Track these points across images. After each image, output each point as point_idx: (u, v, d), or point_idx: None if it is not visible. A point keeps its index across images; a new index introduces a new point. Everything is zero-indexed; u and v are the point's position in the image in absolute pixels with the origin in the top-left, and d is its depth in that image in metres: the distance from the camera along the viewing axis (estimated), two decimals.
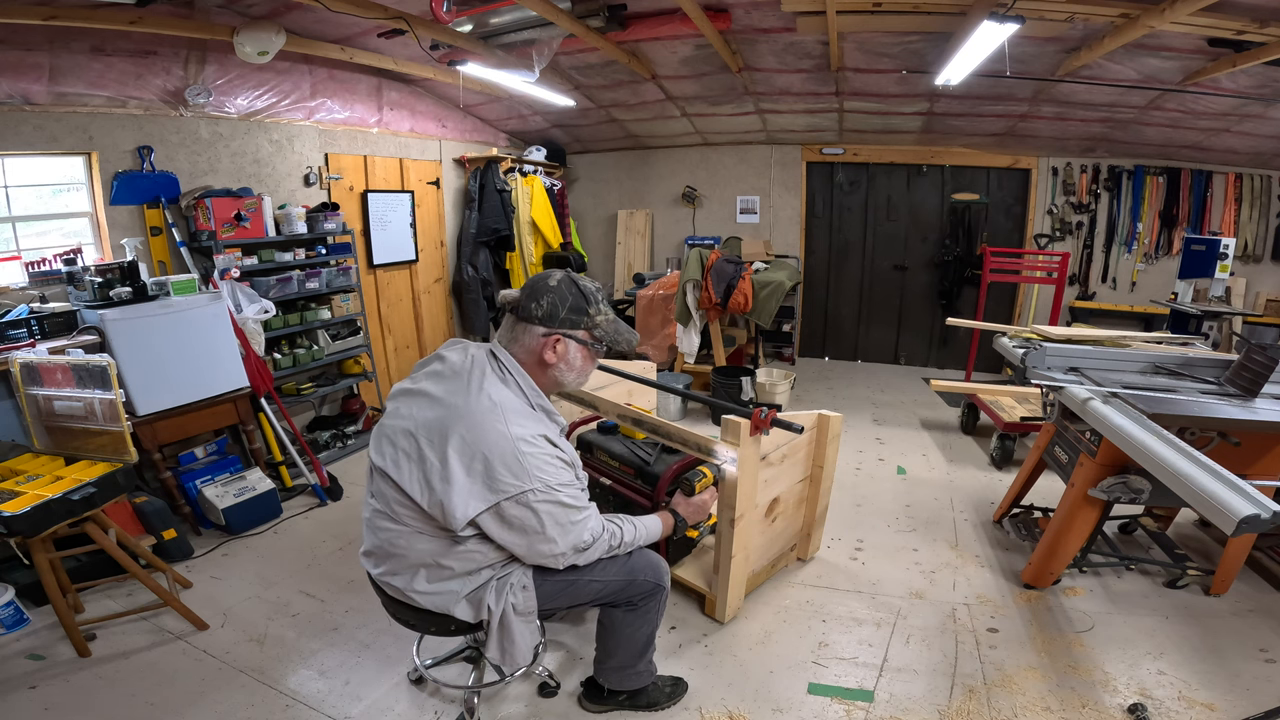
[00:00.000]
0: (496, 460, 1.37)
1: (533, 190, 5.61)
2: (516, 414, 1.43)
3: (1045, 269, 5.07)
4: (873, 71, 4.10)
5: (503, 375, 1.50)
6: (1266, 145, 4.39)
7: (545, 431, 1.46)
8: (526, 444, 1.40)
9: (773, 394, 4.64)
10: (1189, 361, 2.62)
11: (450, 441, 1.39)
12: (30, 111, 2.83)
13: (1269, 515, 1.41)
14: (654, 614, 1.79)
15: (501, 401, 1.43)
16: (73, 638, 2.19)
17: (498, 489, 1.38)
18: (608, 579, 1.66)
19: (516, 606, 1.55)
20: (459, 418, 1.41)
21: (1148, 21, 2.68)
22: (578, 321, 1.52)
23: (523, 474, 1.38)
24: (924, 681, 2.07)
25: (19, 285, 2.88)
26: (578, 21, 3.30)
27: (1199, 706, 1.93)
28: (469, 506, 1.39)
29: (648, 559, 1.74)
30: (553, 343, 1.51)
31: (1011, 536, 2.88)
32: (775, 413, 2.02)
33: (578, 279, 1.57)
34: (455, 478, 1.38)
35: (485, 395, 1.43)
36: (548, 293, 1.51)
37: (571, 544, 1.50)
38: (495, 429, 1.39)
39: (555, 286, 1.52)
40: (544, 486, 1.41)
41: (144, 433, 2.82)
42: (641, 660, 1.88)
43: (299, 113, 4.00)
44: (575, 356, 1.56)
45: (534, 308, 1.50)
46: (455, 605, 1.54)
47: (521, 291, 1.54)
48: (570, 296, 1.52)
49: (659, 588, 1.74)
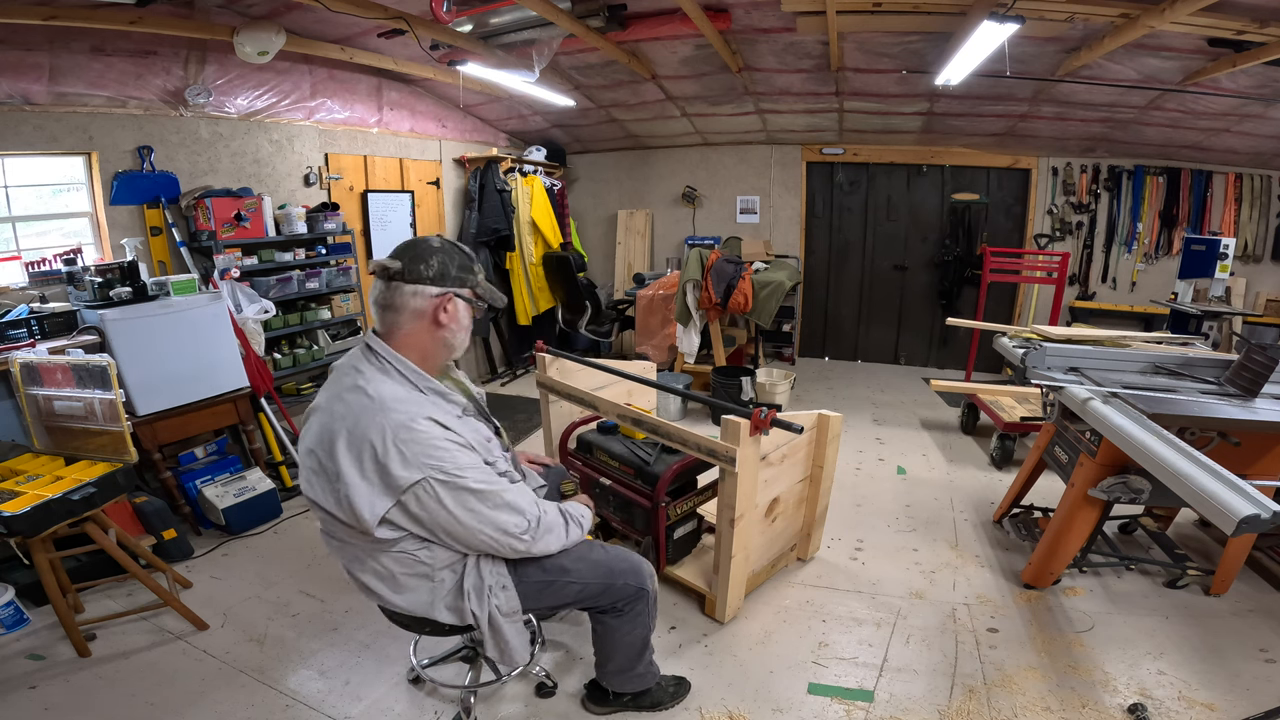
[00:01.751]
0: (383, 454, 1.32)
1: (533, 190, 5.61)
2: (397, 402, 1.37)
3: (1045, 269, 5.07)
4: (873, 71, 4.10)
5: (381, 366, 1.43)
6: (1266, 145, 4.39)
7: (431, 414, 1.38)
8: (407, 430, 1.33)
9: (773, 394, 4.64)
10: (1189, 361, 2.62)
11: (337, 446, 1.34)
12: (30, 111, 2.83)
13: (1269, 515, 1.41)
14: (644, 618, 1.77)
15: (379, 394, 1.37)
16: (73, 638, 2.19)
17: (393, 484, 1.33)
18: (586, 581, 1.64)
19: (500, 608, 1.54)
20: (339, 419, 1.36)
21: (1148, 21, 2.68)
22: (464, 279, 1.49)
23: (412, 464, 1.33)
24: (924, 681, 2.07)
25: (19, 285, 2.88)
26: (578, 21, 3.30)
27: (1199, 706, 1.93)
28: (375, 506, 1.35)
29: (628, 562, 1.72)
30: (445, 302, 1.46)
31: (1011, 536, 2.88)
32: (775, 413, 2.02)
33: (455, 241, 1.56)
34: (352, 481, 1.33)
35: (360, 391, 1.37)
36: (435, 253, 1.46)
37: (501, 529, 1.44)
38: (374, 423, 1.33)
39: (440, 248, 1.48)
40: (440, 473, 1.35)
41: (144, 433, 2.82)
42: (640, 663, 1.86)
43: (299, 113, 4.00)
44: (464, 315, 1.52)
45: (423, 269, 1.43)
46: (434, 610, 1.52)
47: (400, 256, 1.46)
48: (457, 255, 1.49)
49: (642, 590, 1.72)
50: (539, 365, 2.83)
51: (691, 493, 2.46)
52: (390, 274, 1.43)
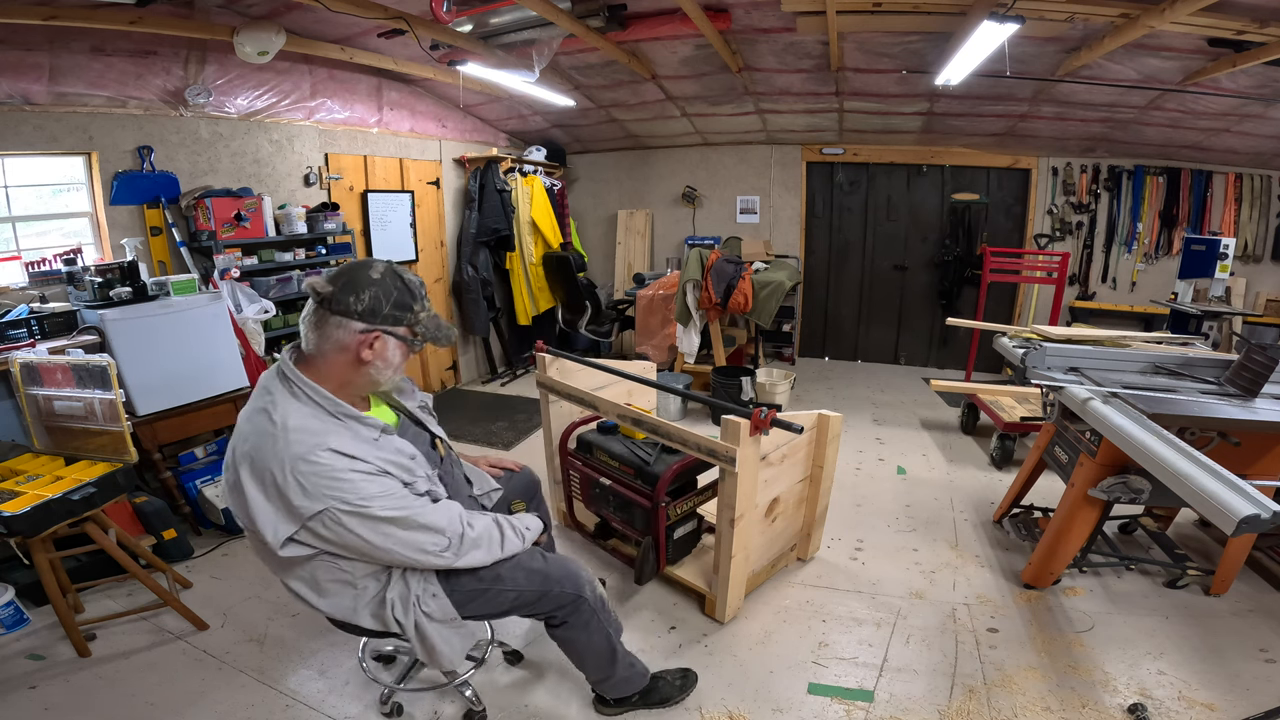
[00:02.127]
0: (282, 484, 1.29)
1: (533, 190, 5.61)
2: (299, 431, 1.32)
3: (1045, 269, 5.07)
4: (873, 71, 4.10)
5: (290, 389, 1.37)
6: (1266, 145, 4.39)
7: (335, 444, 1.32)
8: (306, 463, 1.29)
9: (773, 394, 4.64)
10: (1189, 361, 2.62)
11: (241, 469, 1.33)
12: (30, 111, 2.83)
13: (1269, 515, 1.41)
14: (596, 625, 1.71)
15: (283, 421, 1.32)
16: (73, 638, 2.19)
17: (295, 512, 1.31)
18: (521, 588, 1.61)
19: (432, 615, 1.51)
20: (243, 440, 1.35)
21: (1148, 21, 2.68)
22: (401, 318, 1.40)
23: (313, 495, 1.29)
24: (924, 681, 2.07)
25: (19, 285, 2.88)
26: (578, 21, 3.30)
27: (1199, 706, 1.93)
28: (278, 529, 1.33)
29: (565, 569, 1.68)
30: (371, 339, 1.38)
31: (1011, 536, 2.87)
32: (775, 413, 2.02)
33: (402, 272, 1.45)
34: (256, 503, 1.32)
35: (265, 415, 1.34)
36: (370, 286, 1.36)
37: (417, 549, 1.40)
38: (273, 452, 1.29)
39: (379, 279, 1.38)
40: (342, 504, 1.31)
41: (144, 433, 2.82)
42: (616, 668, 1.82)
43: (299, 113, 4.00)
44: (394, 354, 1.44)
45: (353, 301, 1.35)
46: (357, 615, 1.50)
47: (335, 280, 1.37)
48: (395, 291, 1.39)
49: (579, 598, 1.66)
50: (539, 365, 2.83)
51: (691, 493, 2.46)
52: (320, 297, 1.36)
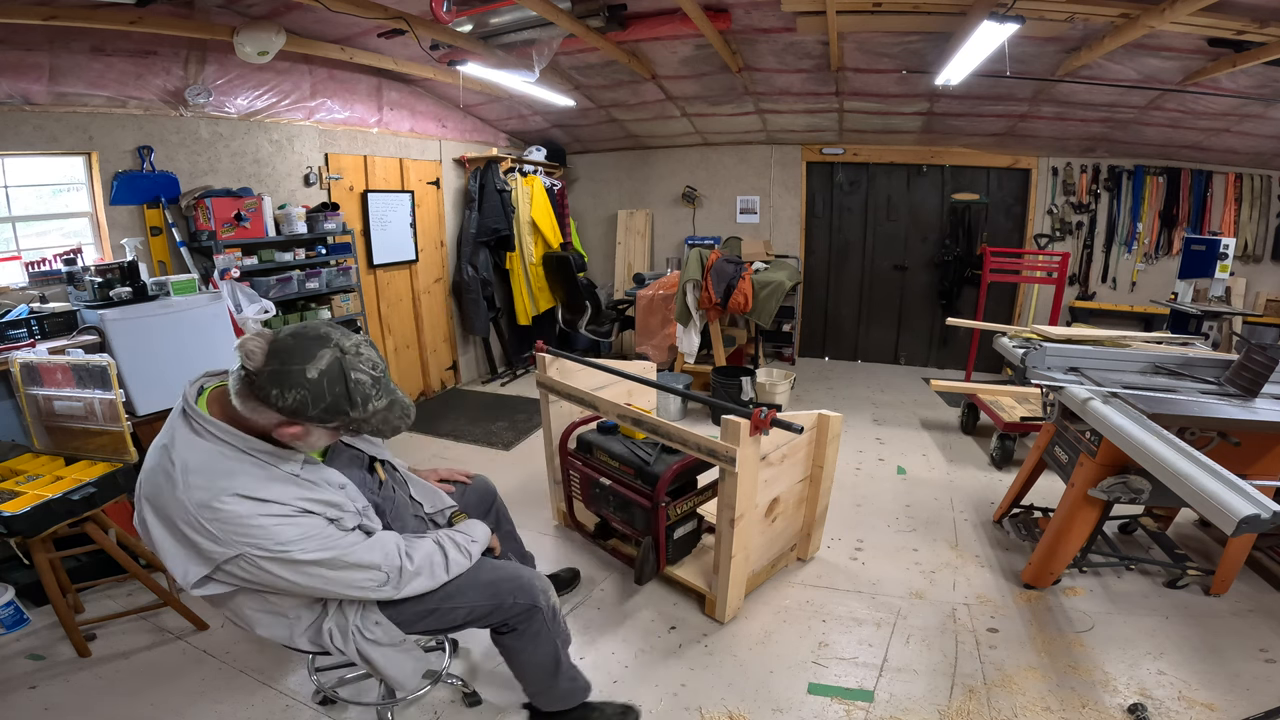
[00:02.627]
0: (188, 531, 1.20)
1: (533, 190, 5.61)
2: (201, 474, 1.20)
3: (1045, 269, 5.07)
4: (873, 71, 4.10)
5: (192, 428, 1.25)
6: (1266, 145, 4.38)
7: (241, 488, 1.20)
8: (210, 510, 1.19)
9: (773, 394, 4.64)
10: (1189, 361, 2.62)
11: (144, 509, 1.25)
12: (30, 111, 2.83)
13: (1269, 515, 1.41)
14: (544, 635, 1.64)
15: (183, 462, 1.21)
16: (73, 638, 2.19)
17: (206, 556, 1.22)
18: (472, 604, 1.54)
19: (377, 640, 1.45)
20: (146, 480, 1.26)
21: (1148, 21, 2.68)
22: (330, 419, 1.24)
23: (223, 541, 1.20)
24: (924, 681, 2.07)
25: (19, 285, 2.88)
26: (578, 21, 3.30)
27: (1199, 706, 1.93)
28: (189, 571, 1.24)
29: (516, 580, 1.61)
30: (290, 430, 1.25)
31: (1011, 536, 2.87)
32: (775, 413, 2.02)
33: (351, 369, 1.23)
34: (163, 545, 1.24)
35: (165, 454, 1.23)
36: (299, 387, 1.18)
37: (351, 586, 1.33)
38: (174, 499, 1.19)
39: (313, 380, 1.19)
40: (258, 549, 1.21)
41: (144, 433, 2.81)
42: (558, 679, 1.74)
43: (299, 113, 4.00)
44: (319, 439, 1.30)
45: (275, 395, 1.18)
46: (294, 640, 1.44)
47: (269, 357, 1.19)
48: (329, 397, 1.21)
49: (533, 608, 1.60)
50: (539, 365, 2.83)
51: (691, 493, 2.46)
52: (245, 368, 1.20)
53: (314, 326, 1.26)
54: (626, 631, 2.33)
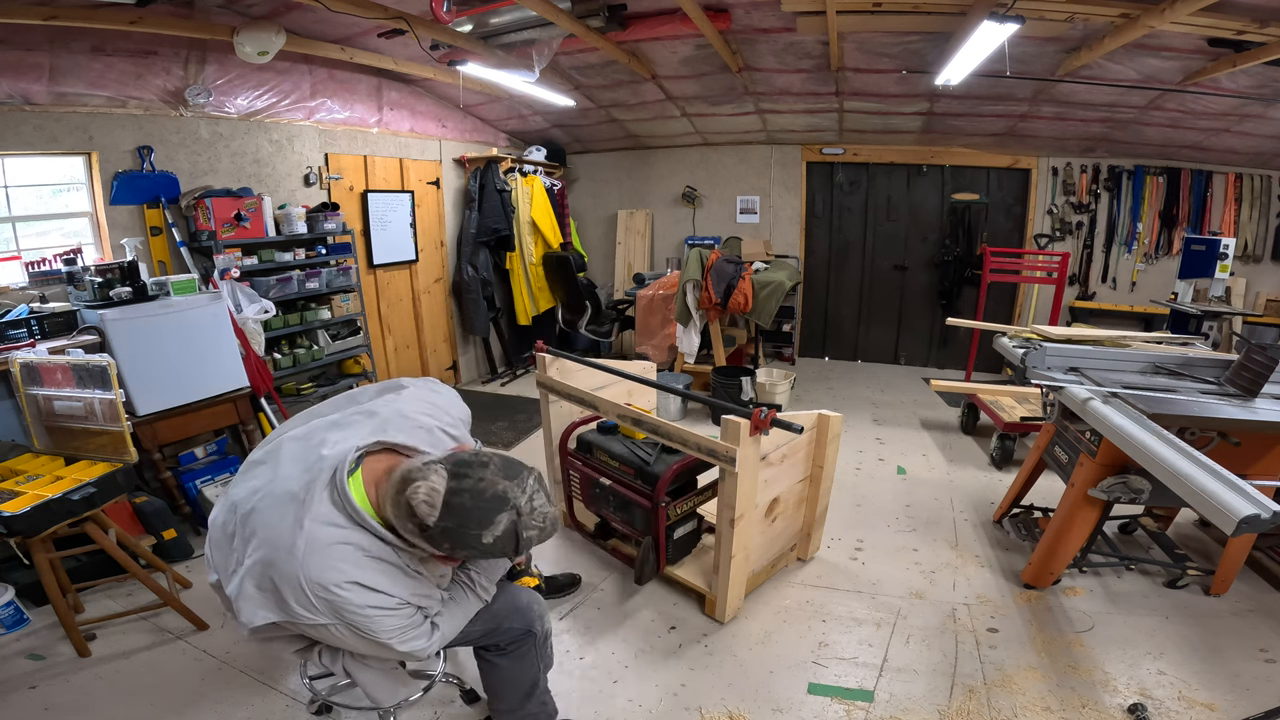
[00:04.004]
0: (288, 592, 1.18)
1: (533, 190, 5.61)
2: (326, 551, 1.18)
3: (1045, 269, 5.07)
4: (873, 71, 4.10)
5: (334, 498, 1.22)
6: (1266, 145, 4.38)
7: (362, 578, 1.20)
8: (325, 591, 1.17)
9: (773, 394, 4.64)
10: (1189, 361, 2.62)
11: (248, 551, 1.22)
12: (30, 111, 2.83)
13: (1269, 515, 1.41)
14: (532, 659, 1.65)
15: (318, 533, 1.18)
16: (73, 638, 2.19)
17: (289, 612, 1.20)
18: (467, 632, 1.55)
19: (366, 661, 1.46)
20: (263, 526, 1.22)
21: (1148, 21, 2.68)
22: (481, 557, 1.34)
23: (319, 612, 1.19)
24: (924, 681, 2.07)
25: (19, 285, 2.88)
26: (578, 21, 3.30)
27: (1199, 706, 1.93)
28: (255, 615, 1.22)
29: (514, 604, 1.62)
30: (448, 563, 1.36)
31: (1011, 536, 2.87)
32: (775, 413, 2.02)
33: (523, 531, 1.22)
34: (245, 590, 1.22)
35: (296, 517, 1.20)
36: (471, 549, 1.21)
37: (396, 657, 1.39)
38: (289, 569, 1.17)
39: (487, 545, 1.20)
40: (348, 628, 1.22)
41: (144, 433, 2.82)
42: (529, 703, 1.71)
43: (299, 113, 4.00)
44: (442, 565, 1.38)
45: (446, 548, 1.22)
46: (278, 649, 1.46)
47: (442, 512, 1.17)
48: (497, 550, 1.22)
49: (529, 633, 1.61)
50: (539, 365, 2.83)
51: (691, 493, 2.46)
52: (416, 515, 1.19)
53: (492, 484, 1.20)
54: (626, 631, 2.33)
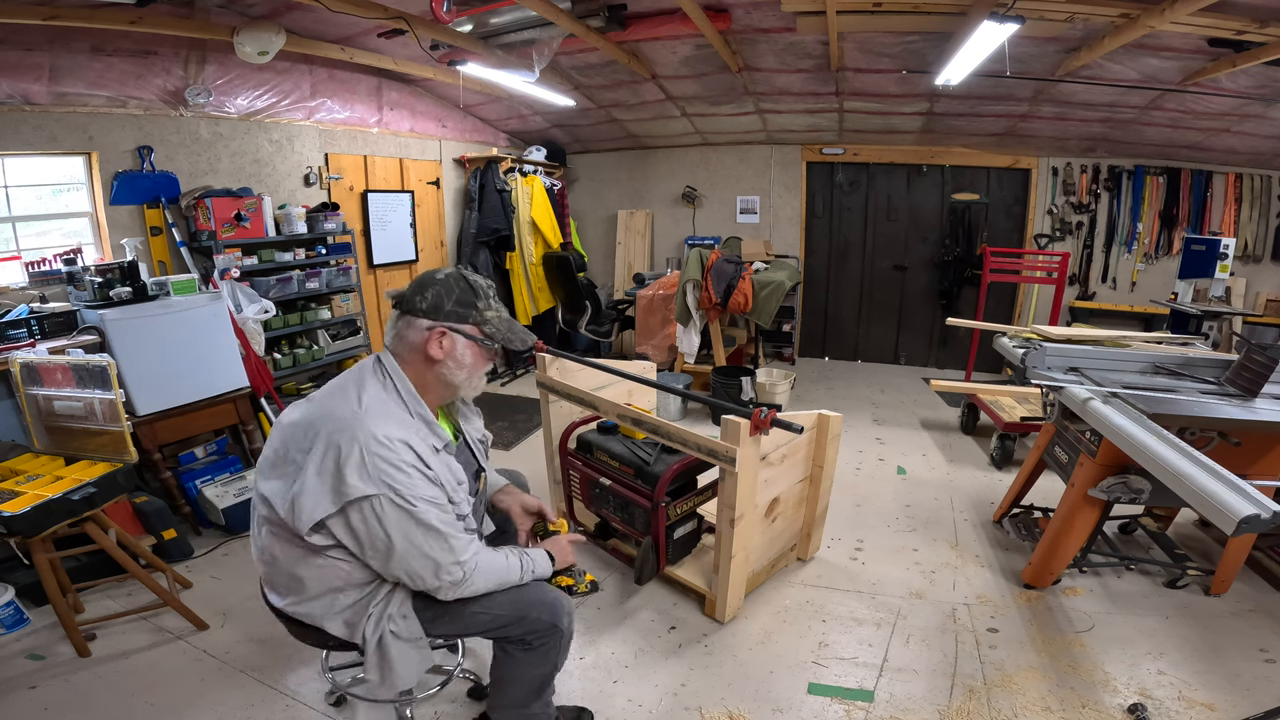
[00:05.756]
0: (345, 459, 1.31)
1: (533, 190, 5.61)
2: (381, 416, 1.37)
3: (1045, 269, 5.07)
4: (873, 71, 4.10)
5: (383, 380, 1.45)
6: (1266, 145, 4.38)
7: (408, 438, 1.36)
8: (378, 444, 1.32)
9: (773, 394, 4.64)
10: (1189, 361, 2.62)
11: (309, 439, 1.36)
12: (30, 111, 2.83)
13: (1269, 515, 1.41)
14: (552, 655, 1.64)
15: (370, 404, 1.38)
16: (73, 638, 2.19)
17: (343, 492, 1.31)
18: (496, 613, 1.56)
19: (398, 633, 1.48)
20: (323, 417, 1.38)
21: (1148, 21, 2.68)
22: (465, 315, 1.47)
23: (369, 478, 1.31)
24: (924, 681, 2.07)
25: (19, 285, 2.88)
26: (578, 21, 3.30)
27: (1199, 706, 1.93)
28: (316, 509, 1.32)
29: (543, 597, 1.63)
30: (438, 336, 1.44)
31: (1011, 536, 2.87)
32: (775, 413, 2.02)
33: (469, 274, 1.51)
34: (307, 477, 1.33)
35: (354, 397, 1.40)
36: (433, 285, 1.46)
37: (431, 568, 1.39)
38: (349, 428, 1.33)
39: (442, 280, 1.47)
40: (394, 495, 1.32)
41: (144, 433, 2.82)
42: (536, 702, 1.71)
43: (299, 113, 4.00)
44: (464, 353, 1.48)
45: (419, 300, 1.44)
46: (327, 620, 1.48)
47: (409, 286, 1.49)
48: (457, 290, 1.47)
49: (554, 628, 1.60)
50: (539, 365, 2.83)
51: (691, 493, 2.46)
52: (395, 302, 1.48)
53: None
54: (626, 631, 2.33)
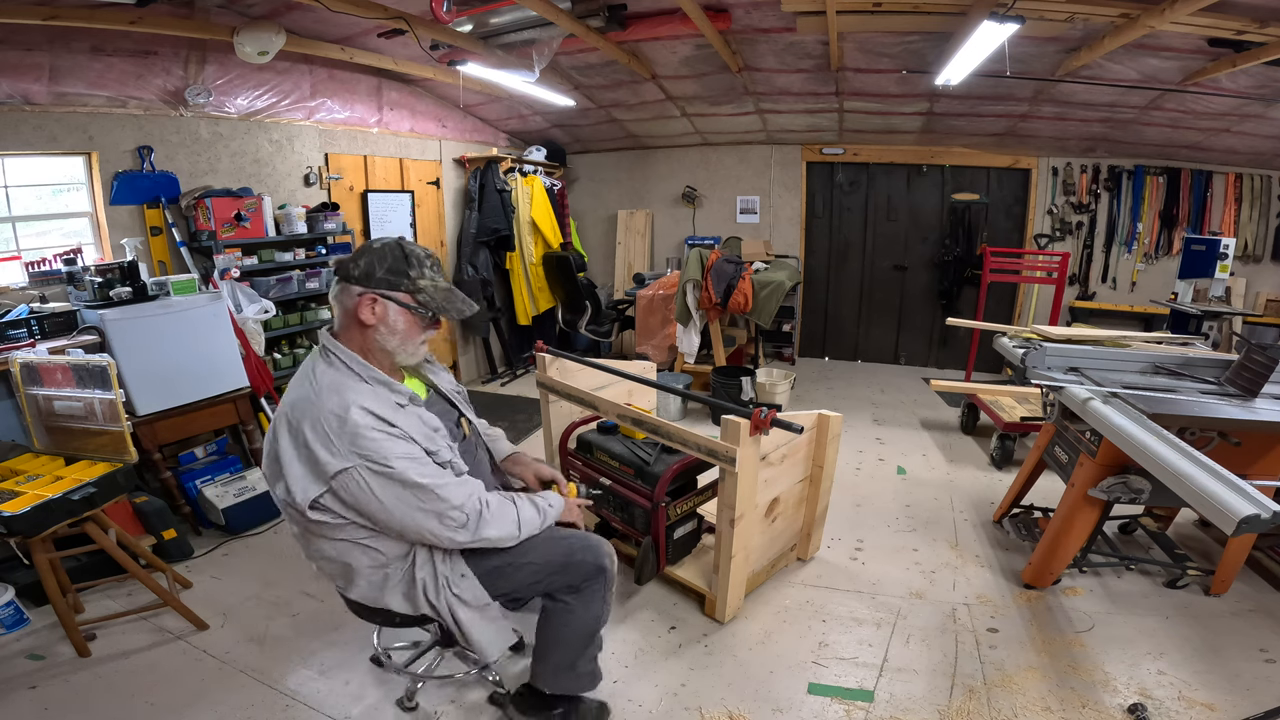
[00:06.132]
0: (311, 441, 1.35)
1: (533, 190, 5.61)
2: (334, 391, 1.40)
3: (1045, 269, 5.07)
4: (873, 71, 4.10)
5: (328, 360, 1.48)
6: (1266, 145, 4.38)
7: (366, 403, 1.39)
8: (336, 419, 1.35)
9: (773, 394, 4.64)
10: (1189, 361, 2.62)
11: (279, 429, 1.41)
12: (30, 111, 2.83)
13: (1269, 515, 1.41)
14: (598, 600, 1.69)
15: (320, 383, 1.42)
16: (73, 638, 2.19)
17: (321, 471, 1.36)
18: (542, 560, 1.61)
19: (464, 598, 1.53)
20: (286, 405, 1.44)
21: (1148, 21, 2.68)
22: (396, 283, 1.46)
23: (339, 452, 1.35)
24: (924, 681, 2.07)
25: (19, 285, 2.88)
26: (578, 21, 3.30)
27: (1199, 706, 1.93)
28: (307, 490, 1.38)
29: (586, 540, 1.70)
30: (369, 301, 1.45)
31: (1011, 536, 2.87)
32: (775, 413, 2.02)
33: (407, 244, 1.51)
34: (288, 464, 1.38)
35: (307, 380, 1.44)
36: (367, 253, 1.47)
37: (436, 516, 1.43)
38: (308, 410, 1.38)
39: (377, 249, 1.48)
40: (368, 462, 1.36)
41: (144, 433, 2.82)
42: (584, 658, 1.75)
43: (299, 113, 4.00)
44: (396, 320, 1.48)
45: (351, 267, 1.46)
46: (385, 598, 1.54)
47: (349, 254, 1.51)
48: (390, 258, 1.47)
49: (600, 569, 1.67)
50: (539, 365, 2.83)
51: (691, 493, 2.46)
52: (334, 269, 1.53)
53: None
54: (626, 631, 2.33)
